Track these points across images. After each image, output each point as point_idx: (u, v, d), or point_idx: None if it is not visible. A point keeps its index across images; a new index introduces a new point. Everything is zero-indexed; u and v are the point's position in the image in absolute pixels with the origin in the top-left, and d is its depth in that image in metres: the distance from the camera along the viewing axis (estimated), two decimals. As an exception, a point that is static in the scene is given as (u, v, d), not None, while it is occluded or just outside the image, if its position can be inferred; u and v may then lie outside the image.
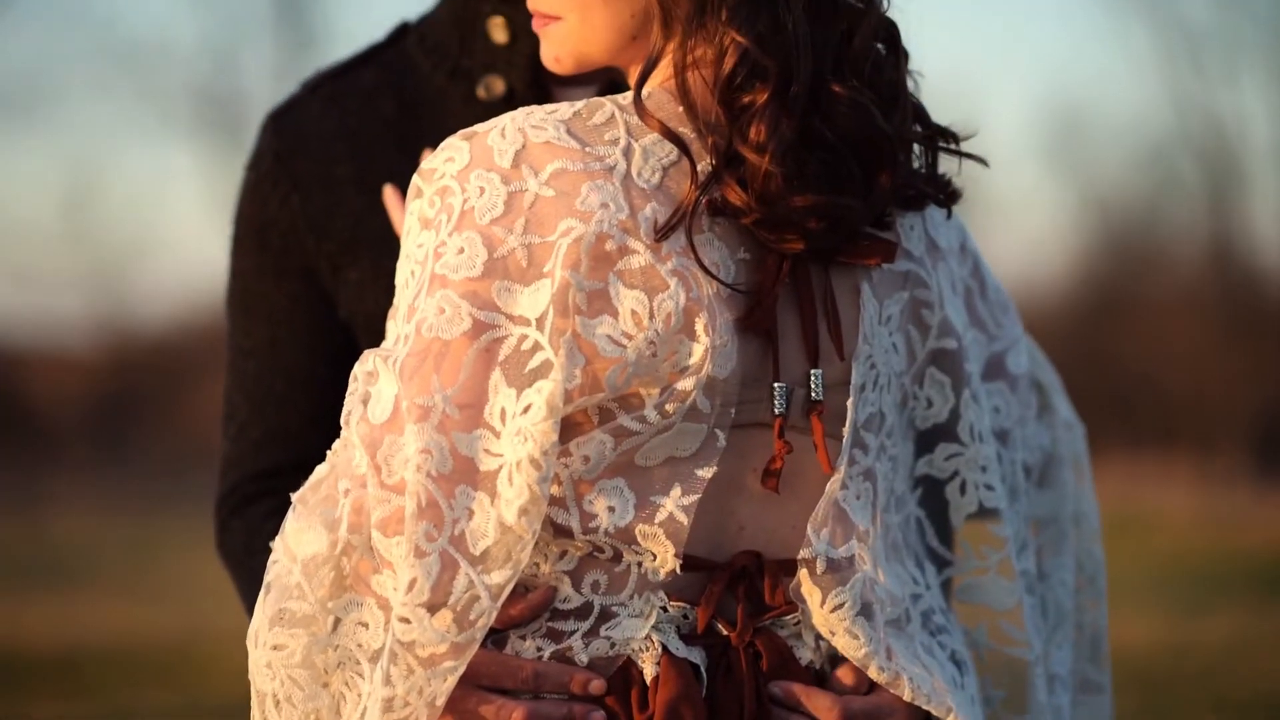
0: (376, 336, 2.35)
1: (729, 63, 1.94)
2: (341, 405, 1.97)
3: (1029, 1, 32.85)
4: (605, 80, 2.40)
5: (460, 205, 1.92)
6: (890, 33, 2.04)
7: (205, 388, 26.85)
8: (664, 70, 2.01)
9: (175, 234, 32.50)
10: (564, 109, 1.97)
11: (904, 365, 2.10)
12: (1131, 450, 22.07)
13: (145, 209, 33.67)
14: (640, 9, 2.01)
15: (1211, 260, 23.25)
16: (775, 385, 1.99)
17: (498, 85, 2.41)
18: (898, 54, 2.03)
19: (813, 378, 2.00)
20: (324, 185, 2.41)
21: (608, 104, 1.98)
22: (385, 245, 2.37)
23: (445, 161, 1.96)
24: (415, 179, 1.99)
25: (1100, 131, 28.24)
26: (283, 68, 25.12)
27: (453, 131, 2.30)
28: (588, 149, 1.95)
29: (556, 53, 2.06)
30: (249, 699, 1.98)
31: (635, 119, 1.97)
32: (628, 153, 1.95)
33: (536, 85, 2.40)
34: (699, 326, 1.94)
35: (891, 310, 2.08)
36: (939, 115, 2.12)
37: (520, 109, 1.98)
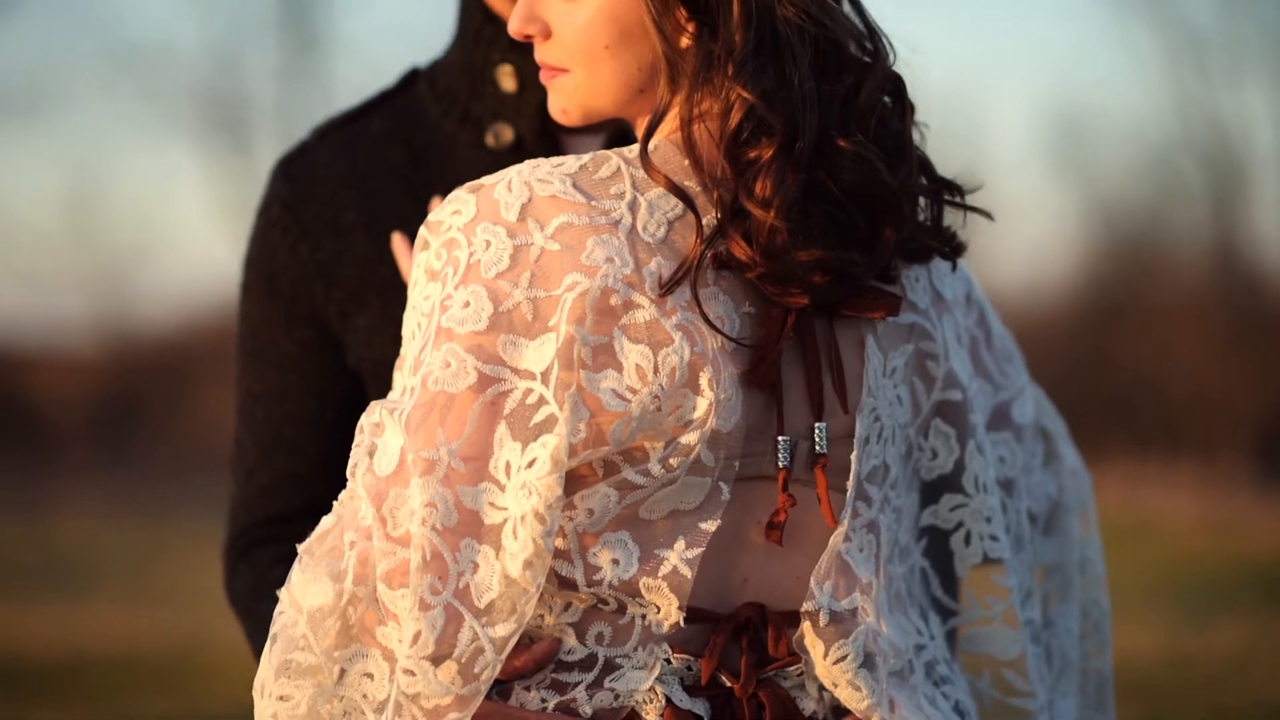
0: (385, 383, 2.36)
1: (734, 118, 1.95)
2: (349, 449, 1.97)
3: (1033, 5, 32.86)
4: (614, 129, 2.41)
5: (466, 258, 1.93)
6: (896, 86, 2.04)
7: (209, 390, 26.86)
8: (670, 123, 2.02)
9: (178, 236, 32.50)
10: (570, 163, 1.98)
11: (909, 417, 2.11)
12: (1134, 454, 22.07)
13: (148, 211, 33.65)
14: (647, 63, 2.02)
15: (1215, 265, 23.25)
16: (779, 439, 2.00)
17: (506, 133, 2.42)
18: (904, 107, 2.05)
19: (817, 431, 2.01)
20: (333, 232, 2.42)
21: (614, 157, 1.99)
22: (394, 292, 2.38)
23: (452, 214, 1.97)
24: (422, 231, 2.00)
25: (1104, 135, 28.24)
26: (286, 70, 25.14)
27: (462, 178, 2.31)
28: (593, 203, 1.95)
29: (564, 105, 2.07)
30: (251, 707, 1.99)
31: (641, 172, 1.98)
32: (633, 207, 1.96)
33: (545, 133, 2.41)
34: (703, 381, 1.95)
35: (896, 363, 2.08)
36: (944, 118, 2.14)
37: (526, 162, 1.99)
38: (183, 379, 27.07)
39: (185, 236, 31.97)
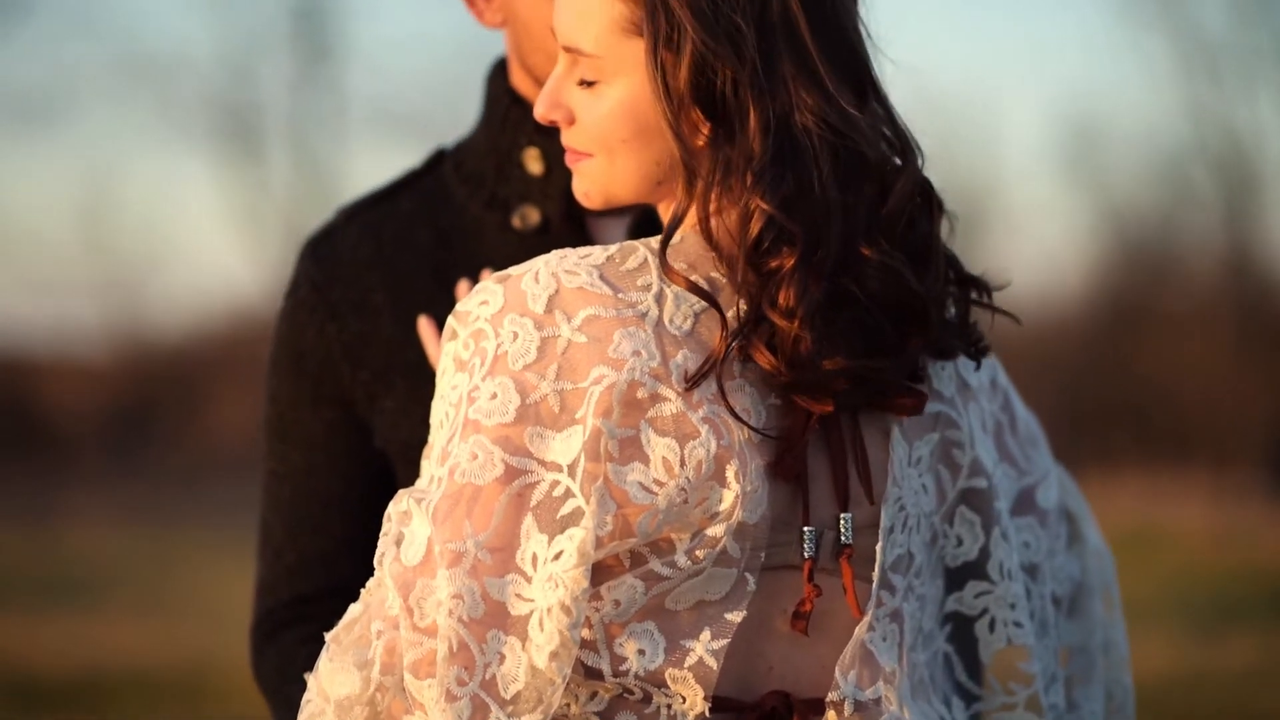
0: (412, 465, 2.36)
1: (754, 228, 1.96)
2: (376, 530, 1.99)
3: (1045, 13, 32.83)
4: (640, 211, 2.42)
5: (494, 350, 1.95)
6: (925, 189, 2.04)
7: (221, 397, 26.88)
8: (693, 216, 2.02)
9: (191, 244, 32.54)
10: (597, 254, 2.00)
11: (934, 505, 2.12)
12: (1146, 464, 22.04)
13: (161, 219, 33.69)
14: (666, 159, 2.03)
15: (1228, 272, 23.23)
16: (805, 529, 2.01)
17: (533, 215, 2.43)
18: (931, 209, 2.05)
19: (842, 521, 2.02)
20: (360, 314, 2.43)
21: (640, 249, 2.00)
22: (421, 374, 2.39)
23: (480, 304, 1.98)
24: (450, 320, 2.01)
25: (1116, 143, 28.21)
26: (299, 79, 25.16)
27: (488, 260, 2.36)
28: (620, 295, 1.97)
29: (586, 189, 2.08)
30: (266, 722, 2.01)
31: (700, 263, 1.99)
32: (660, 299, 1.98)
33: (571, 216, 2.42)
34: (730, 473, 1.96)
35: (921, 452, 2.09)
36: (957, 125, 2.13)
37: (554, 252, 2.00)
38: (195, 387, 27.10)
39: (198, 245, 32.01)
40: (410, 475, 2.38)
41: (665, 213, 2.07)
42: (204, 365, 27.46)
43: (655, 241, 2.01)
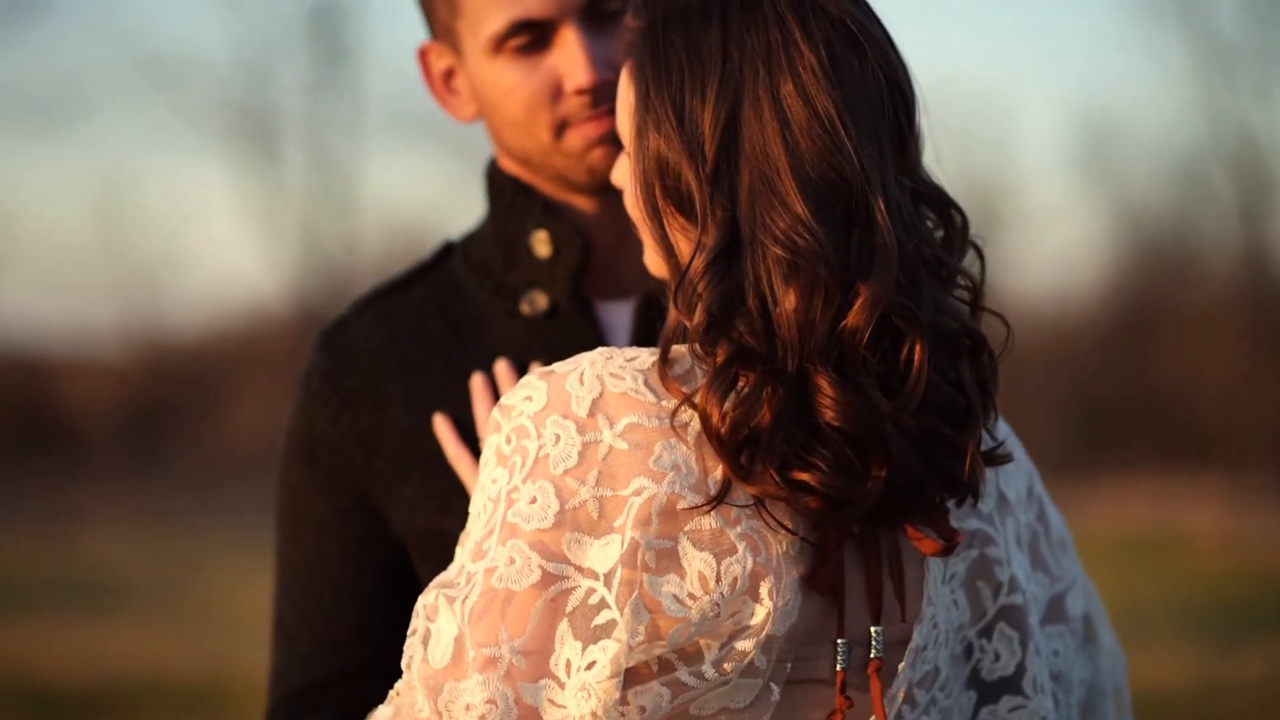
0: (429, 552, 2.40)
1: (696, 319, 1.95)
2: (391, 617, 2.00)
3: (1061, 14, 32.79)
4: (642, 293, 2.45)
5: (535, 450, 1.94)
6: (901, 310, 1.96)
7: (238, 398, 26.94)
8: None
9: (207, 246, 32.61)
10: (644, 357, 1.98)
11: (965, 619, 2.12)
12: (1162, 467, 22.02)
13: (177, 220, 33.76)
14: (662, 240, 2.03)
15: (1243, 273, 23.19)
16: (839, 641, 2.00)
17: (541, 300, 2.45)
18: (912, 329, 1.97)
19: (874, 635, 2.01)
20: (373, 403, 2.45)
21: (686, 355, 1.99)
22: (435, 463, 2.41)
23: (524, 400, 1.97)
24: (495, 412, 2.00)
25: (1132, 143, 28.24)
26: (315, 82, 25.20)
27: (499, 348, 2.38)
28: (663, 403, 1.95)
29: (644, 258, 2.10)
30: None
31: (704, 370, 1.96)
32: None
33: (578, 298, 2.44)
34: (764, 590, 1.95)
35: (957, 568, 2.09)
36: (973, 128, 2.09)
37: (599, 352, 1.99)
38: (211, 387, 27.14)
39: (214, 246, 32.06)
40: (427, 562, 2.42)
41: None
42: (220, 366, 27.50)
43: (699, 347, 1.98)
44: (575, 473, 1.93)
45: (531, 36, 2.35)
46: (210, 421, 26.62)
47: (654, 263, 2.07)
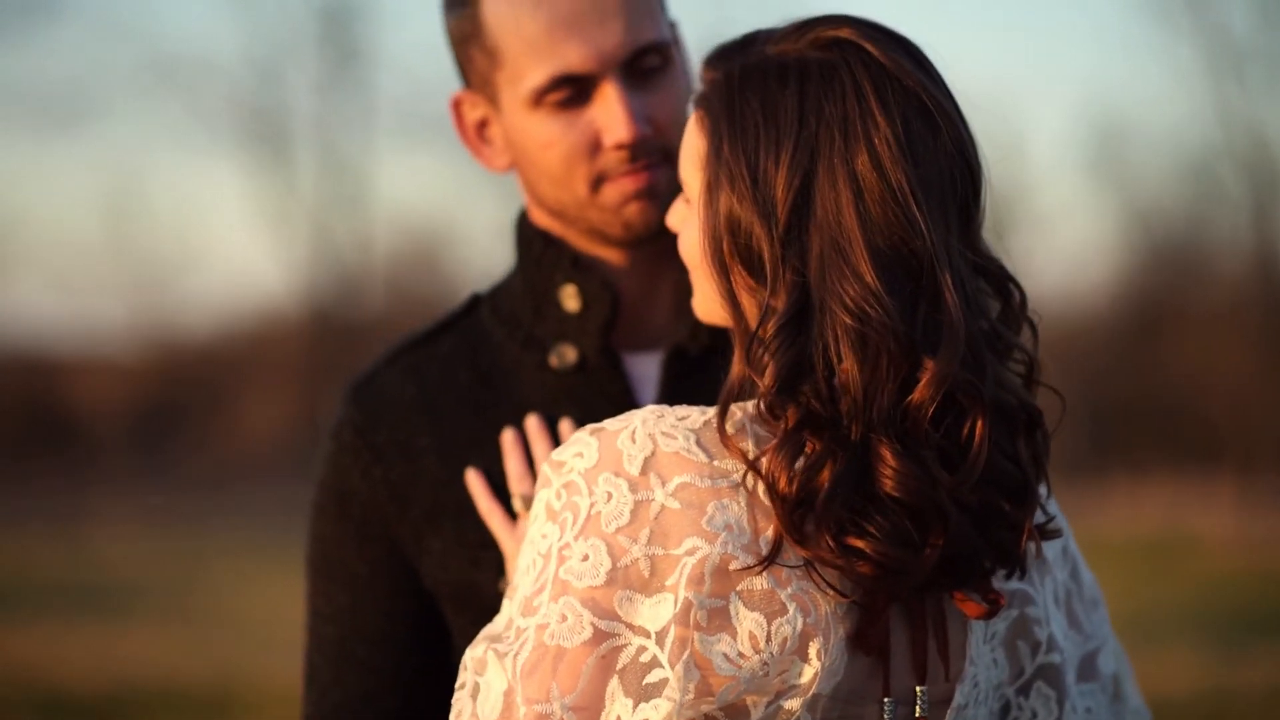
0: (462, 604, 2.41)
1: (765, 385, 1.96)
2: (422, 666, 2.05)
3: (1073, 15, 32.76)
4: (670, 347, 2.45)
5: (587, 508, 1.95)
6: (965, 385, 1.97)
7: (249, 398, 26.96)
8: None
9: (218, 245, 32.63)
10: (695, 416, 1.99)
11: (1004, 676, 2.13)
12: (1173, 469, 22.00)
13: (189, 220, 33.79)
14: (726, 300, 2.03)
15: (1254, 273, 23.18)
16: (885, 701, 2.01)
17: (570, 353, 2.46)
18: (975, 406, 1.97)
19: (920, 695, 2.02)
20: (405, 455, 2.45)
21: (739, 413, 1.99)
22: (467, 515, 2.41)
23: (574, 456, 1.98)
24: (545, 467, 2.02)
25: (1143, 144, 28.21)
26: (326, 82, 25.22)
27: (528, 399, 2.40)
28: (715, 463, 1.97)
29: (694, 306, 2.13)
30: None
31: (763, 430, 1.98)
32: (756, 466, 1.96)
33: (606, 351, 2.45)
34: (812, 650, 1.96)
35: (997, 627, 2.10)
36: (984, 128, 2.09)
37: (650, 410, 2.00)
38: (222, 387, 27.16)
39: (225, 246, 32.11)
40: (460, 613, 2.43)
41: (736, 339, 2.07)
42: (231, 366, 27.53)
43: (751, 406, 2.00)
44: (627, 531, 1.94)
45: (572, 91, 2.36)
46: (220, 422, 26.65)
47: (710, 311, 2.09)
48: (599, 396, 2.42)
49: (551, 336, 2.46)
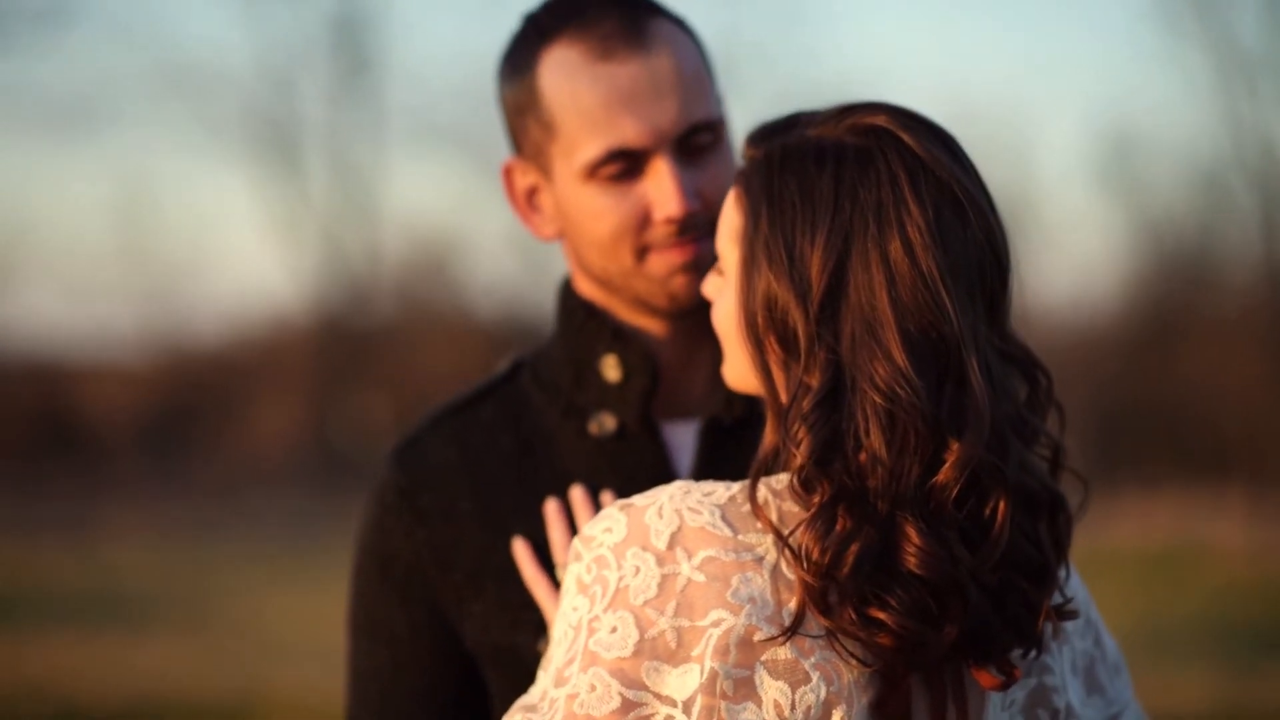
0: (503, 668, 2.45)
1: (797, 463, 2.02)
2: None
3: (1083, 25, 32.77)
4: (706, 415, 2.51)
5: (616, 581, 2.02)
6: (989, 468, 2.03)
7: (259, 406, 26.99)
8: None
9: (229, 253, 32.65)
10: (720, 492, 2.06)
11: None
12: (1184, 480, 21.98)
13: (200, 228, 33.84)
14: (758, 369, 2.10)
15: (1265, 284, 23.17)
16: None
17: (609, 422, 2.51)
18: (999, 489, 2.03)
19: None
20: (447, 520, 2.50)
21: (762, 489, 2.06)
22: (509, 579, 2.46)
23: (604, 531, 2.05)
24: (576, 542, 2.08)
25: (1153, 154, 28.18)
26: (337, 91, 25.28)
27: (568, 467, 2.46)
28: (740, 537, 2.03)
29: (723, 370, 2.20)
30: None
31: (788, 504, 2.05)
32: (779, 542, 2.03)
33: (646, 422, 2.50)
34: (836, 717, 2.01)
35: (1016, 695, 2.15)
36: (994, 137, 2.13)
37: (677, 485, 2.06)
38: (233, 395, 27.19)
39: (236, 254, 32.12)
40: (500, 677, 2.47)
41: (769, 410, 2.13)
42: (241, 373, 27.56)
43: (777, 482, 2.07)
44: (655, 603, 2.00)
45: (625, 165, 2.41)
46: (232, 429, 26.68)
47: (741, 379, 2.16)
48: (638, 465, 2.48)
49: (592, 405, 2.51)
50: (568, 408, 2.53)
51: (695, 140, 2.42)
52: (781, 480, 2.06)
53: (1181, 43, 26.26)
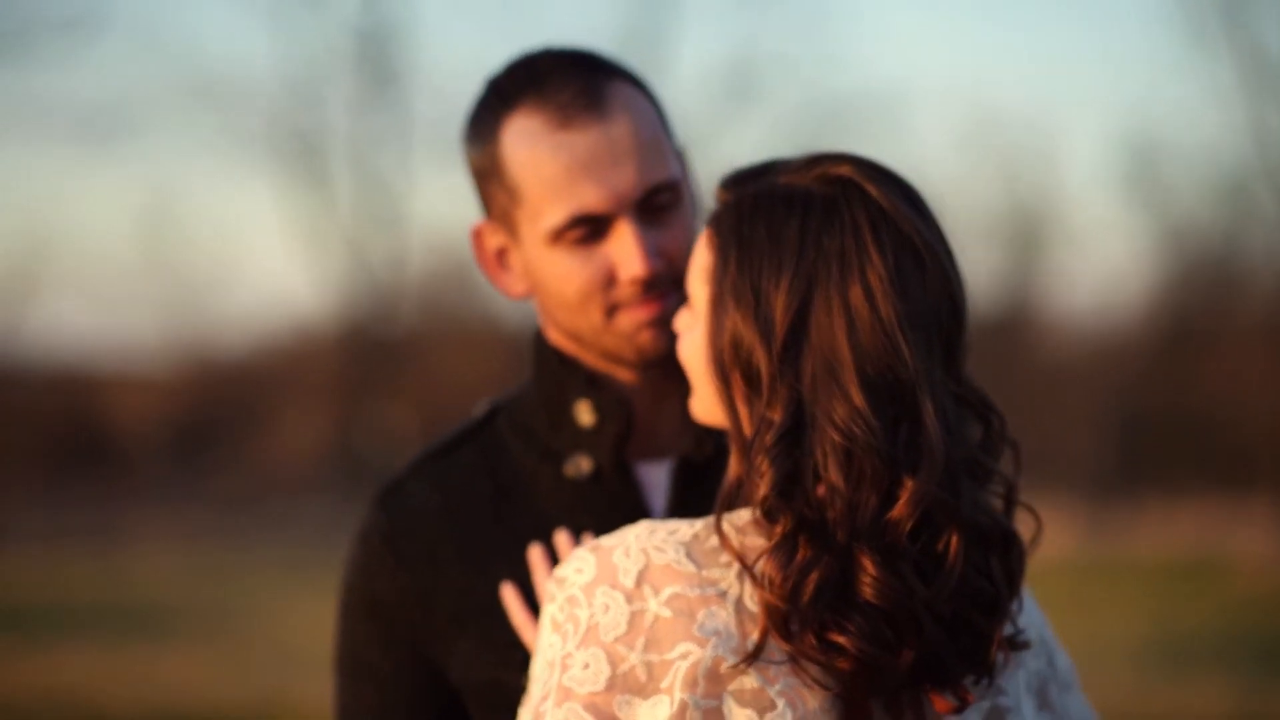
0: (488, 705, 2.53)
1: (759, 494, 2.13)
2: None
3: (1107, 32, 32.76)
4: (678, 455, 2.59)
5: (586, 620, 2.12)
6: (940, 504, 2.12)
7: (285, 415, 27.06)
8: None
9: (255, 263, 32.72)
10: (684, 530, 2.16)
11: None
12: (1207, 488, 21.97)
13: (226, 238, 33.96)
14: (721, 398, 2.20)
15: (1290, 291, 23.15)
16: None
17: (585, 464, 2.59)
18: (952, 526, 2.13)
19: None
20: (429, 563, 2.58)
21: (725, 525, 2.15)
22: (491, 618, 2.53)
23: (575, 572, 2.15)
24: (549, 584, 2.19)
25: (1178, 161, 28.18)
26: (362, 102, 25.33)
27: (545, 509, 2.55)
28: (704, 572, 2.13)
29: (692, 408, 2.30)
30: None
31: (750, 538, 2.14)
32: (741, 576, 2.13)
33: (620, 464, 2.59)
34: None
35: (971, 717, 2.23)
36: (1019, 145, 2.20)
37: (643, 525, 2.17)
38: (258, 405, 27.27)
39: (262, 264, 32.21)
40: (486, 714, 2.55)
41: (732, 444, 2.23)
42: (267, 383, 27.64)
43: (736, 518, 2.16)
44: (625, 639, 2.10)
45: (588, 229, 2.50)
46: (257, 439, 26.76)
47: (707, 412, 2.26)
48: (613, 505, 2.56)
49: (567, 448, 2.60)
50: (544, 451, 2.61)
51: (655, 200, 2.51)
52: (743, 516, 2.16)
53: (1206, 49, 26.21)
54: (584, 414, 2.59)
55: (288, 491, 25.44)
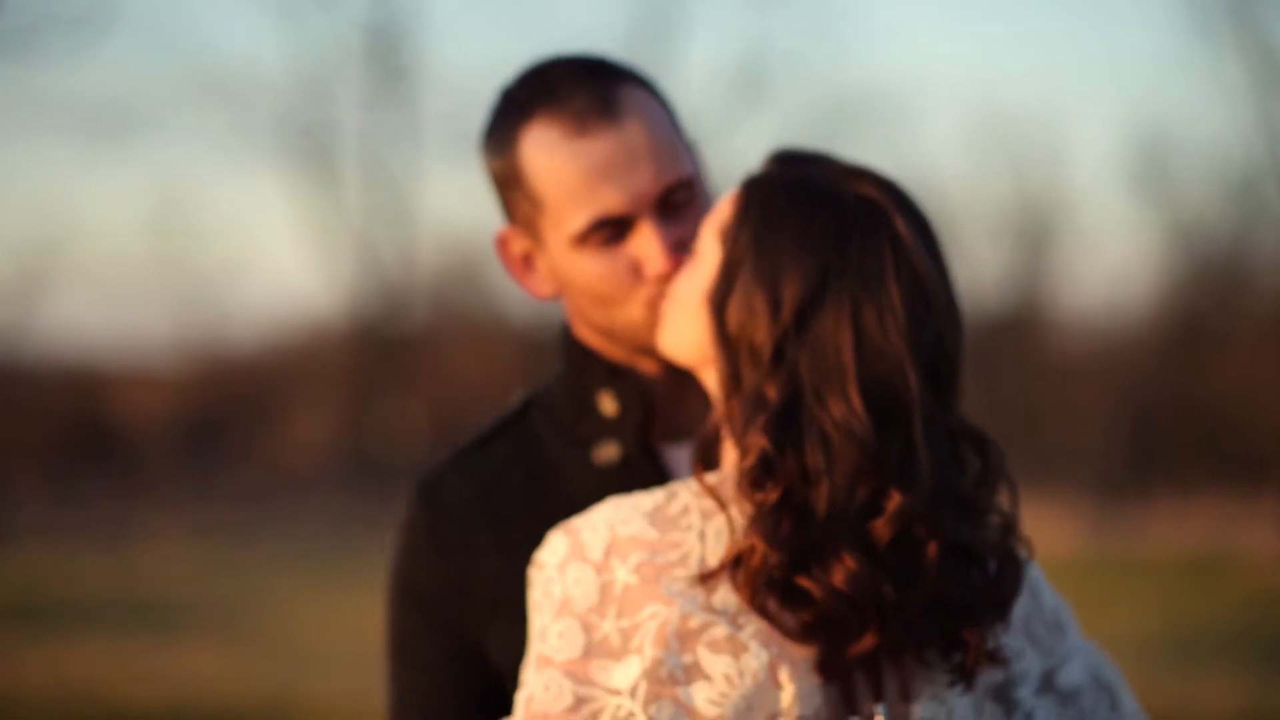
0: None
1: (749, 460, 2.23)
2: None
3: (1117, 29, 32.77)
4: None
5: (560, 594, 2.25)
6: (920, 518, 2.22)
7: (295, 412, 27.09)
8: (731, 453, 2.30)
9: (265, 260, 32.77)
10: (646, 501, 2.29)
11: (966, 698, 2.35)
12: (1217, 486, 21.98)
13: (236, 235, 33.98)
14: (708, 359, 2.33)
15: (1299, 289, 23.16)
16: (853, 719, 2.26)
17: (612, 451, 2.70)
18: (931, 540, 2.22)
19: (879, 711, 2.26)
20: (467, 552, 2.69)
21: (682, 492, 2.29)
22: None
23: (550, 554, 2.29)
24: (530, 568, 2.33)
25: (1187, 159, 28.16)
26: (372, 99, 25.37)
27: (574, 496, 2.66)
28: (666, 537, 2.26)
29: (659, 337, 2.47)
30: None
31: (708, 502, 2.27)
32: (702, 537, 2.26)
33: (645, 447, 2.69)
34: (783, 676, 2.22)
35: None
36: (1027, 142, 2.26)
37: (609, 502, 2.30)
38: (269, 401, 27.31)
39: (272, 260, 32.26)
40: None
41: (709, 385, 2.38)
42: (277, 380, 27.68)
43: (695, 484, 2.29)
44: (597, 609, 2.23)
45: (612, 230, 2.60)
46: (267, 436, 26.79)
47: (680, 348, 2.42)
48: (640, 489, 2.61)
49: (594, 436, 2.71)
50: (571, 440, 2.72)
51: (673, 198, 2.60)
52: (718, 476, 2.28)
53: (1216, 47, 26.23)
54: (607, 404, 2.69)
55: (298, 487, 25.48)
